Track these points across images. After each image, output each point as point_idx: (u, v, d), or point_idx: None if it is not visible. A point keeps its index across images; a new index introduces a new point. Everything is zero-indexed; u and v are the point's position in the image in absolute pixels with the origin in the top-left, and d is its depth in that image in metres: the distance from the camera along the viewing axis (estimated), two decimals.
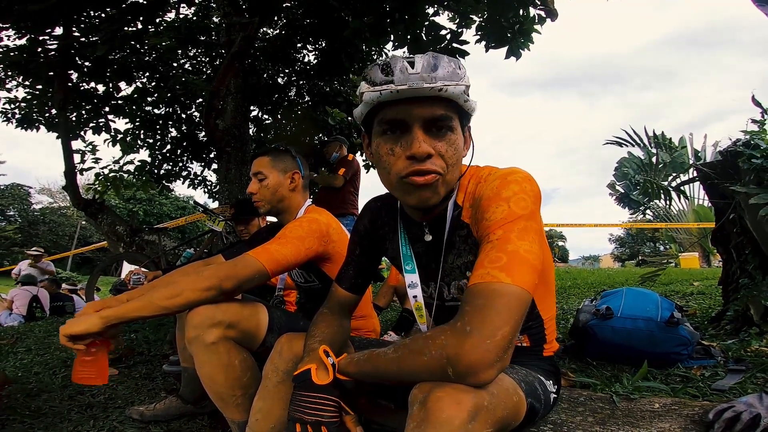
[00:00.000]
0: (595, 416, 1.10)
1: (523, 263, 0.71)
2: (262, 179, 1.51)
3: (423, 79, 0.76)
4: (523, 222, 0.76)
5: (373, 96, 0.78)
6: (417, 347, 0.70)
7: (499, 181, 0.82)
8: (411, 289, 0.98)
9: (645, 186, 3.18)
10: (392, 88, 0.76)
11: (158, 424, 1.55)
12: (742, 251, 2.16)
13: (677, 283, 4.62)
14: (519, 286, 0.69)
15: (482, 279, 0.70)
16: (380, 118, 0.83)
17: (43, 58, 4.33)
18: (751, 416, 0.92)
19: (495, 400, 0.68)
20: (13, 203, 28.24)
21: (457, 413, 0.62)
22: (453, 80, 0.78)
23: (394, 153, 0.82)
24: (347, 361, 0.85)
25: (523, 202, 0.78)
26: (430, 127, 0.80)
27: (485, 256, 0.74)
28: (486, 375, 0.65)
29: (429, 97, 0.78)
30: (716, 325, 2.20)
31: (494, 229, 0.76)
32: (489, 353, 0.63)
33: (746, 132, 2.02)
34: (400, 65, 0.78)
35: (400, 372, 0.72)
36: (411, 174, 0.80)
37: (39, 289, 5.80)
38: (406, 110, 0.79)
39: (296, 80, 6.14)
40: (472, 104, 0.84)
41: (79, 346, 1.05)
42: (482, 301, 0.67)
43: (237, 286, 1.18)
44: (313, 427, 0.80)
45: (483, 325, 0.65)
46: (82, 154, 5.48)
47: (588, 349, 1.85)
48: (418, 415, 0.65)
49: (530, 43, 3.66)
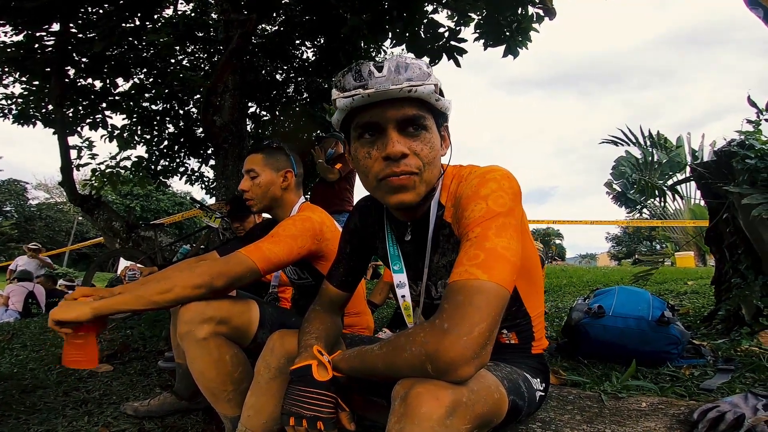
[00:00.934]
0: (583, 414, 1.12)
1: (501, 260, 0.72)
2: (254, 177, 1.50)
3: (390, 81, 0.78)
4: (502, 219, 0.77)
5: (346, 102, 0.80)
6: (399, 344, 0.72)
7: (477, 179, 0.84)
8: (399, 288, 1.00)
9: (641, 185, 3.19)
10: (362, 92, 0.78)
11: (152, 419, 1.56)
12: (735, 251, 2.18)
13: (671, 282, 4.64)
14: (496, 283, 0.70)
15: (460, 276, 0.71)
16: (355, 123, 0.85)
17: (39, 54, 4.32)
18: (735, 416, 0.93)
19: (474, 397, 0.69)
20: (10, 199, 28.16)
21: (435, 408, 0.63)
22: (421, 80, 0.79)
23: (371, 156, 0.83)
24: (339, 358, 0.87)
25: (501, 200, 0.79)
26: (404, 127, 0.82)
27: (464, 253, 0.75)
28: (464, 371, 0.66)
29: (400, 99, 0.80)
30: (708, 325, 2.22)
31: (473, 227, 0.77)
32: (467, 350, 0.64)
33: (741, 132, 2.03)
34: (368, 70, 0.80)
35: (385, 368, 0.74)
36: (387, 176, 0.82)
37: (35, 285, 5.80)
38: (378, 113, 0.81)
39: (294, 77, 6.13)
40: (444, 103, 0.86)
41: (66, 330, 1.06)
42: (460, 298, 0.68)
43: (228, 284, 1.18)
44: (310, 422, 0.81)
45: (461, 322, 0.66)
46: (78, 150, 5.47)
47: (580, 348, 1.86)
48: (398, 410, 0.66)
49: (528, 42, 3.66)
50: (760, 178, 1.88)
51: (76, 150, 5.43)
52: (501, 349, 0.98)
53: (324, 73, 5.62)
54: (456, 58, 3.66)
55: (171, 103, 6.00)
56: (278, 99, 6.18)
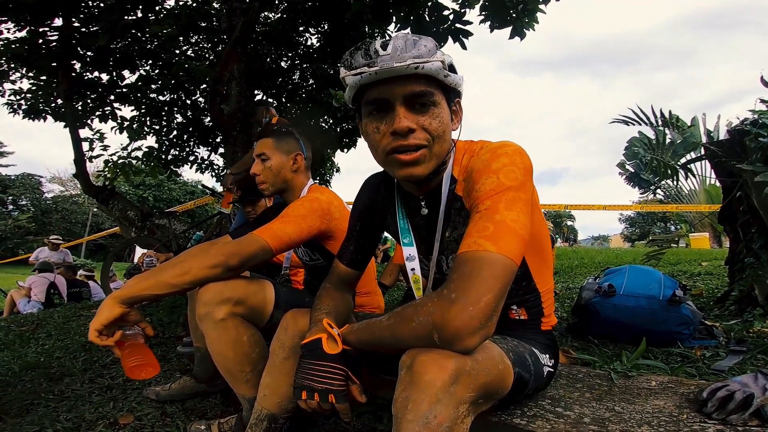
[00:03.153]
0: (593, 392, 1.13)
1: (510, 232, 0.73)
2: (265, 160, 1.53)
3: (395, 59, 0.78)
4: (512, 193, 0.78)
5: (355, 80, 0.82)
6: (407, 314, 0.73)
7: (489, 154, 0.85)
8: (409, 261, 1.01)
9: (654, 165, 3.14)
10: (368, 70, 0.79)
11: (174, 403, 1.62)
12: (749, 230, 2.15)
13: (685, 263, 4.61)
14: (504, 255, 0.71)
15: (469, 248, 0.72)
16: (365, 99, 0.86)
17: (44, 50, 4.36)
18: (744, 396, 0.94)
19: (478, 366, 0.70)
20: (25, 193, 28.74)
21: (439, 376, 0.65)
22: (426, 57, 0.80)
23: (380, 131, 0.85)
24: (348, 330, 0.89)
25: (513, 174, 0.80)
26: (413, 103, 0.83)
27: (473, 225, 0.76)
28: (470, 341, 0.67)
29: (408, 75, 0.80)
30: (721, 306, 2.21)
31: (483, 200, 0.78)
32: (473, 320, 0.66)
33: (754, 111, 1.99)
34: (374, 48, 0.80)
35: (392, 339, 0.76)
36: (395, 151, 0.83)
37: (56, 275, 5.96)
38: (387, 89, 0.81)
39: (299, 64, 6.09)
40: (454, 79, 0.86)
41: (108, 342, 1.06)
42: (467, 269, 0.70)
43: (242, 263, 1.21)
44: (321, 395, 0.84)
45: (467, 292, 0.67)
46: (90, 142, 5.55)
47: (590, 327, 1.87)
48: (404, 378, 0.68)
49: (535, 23, 3.58)
50: None
51: (88, 142, 5.51)
52: (510, 325, 1.00)
53: (329, 59, 5.58)
54: (461, 41, 3.60)
55: (178, 93, 6.03)
56: (284, 86, 6.16)
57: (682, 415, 0.97)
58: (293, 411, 1.13)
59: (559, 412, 1.00)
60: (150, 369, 1.09)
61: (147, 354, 1.11)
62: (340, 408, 0.84)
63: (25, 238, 25.30)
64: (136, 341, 1.12)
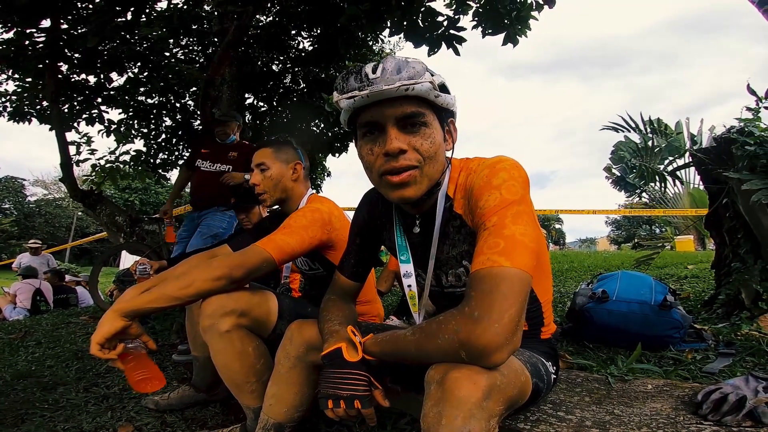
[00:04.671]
0: (592, 396, 1.17)
1: (520, 246, 0.75)
2: (265, 170, 1.54)
3: (384, 82, 0.81)
4: (516, 207, 0.81)
5: (348, 103, 0.84)
6: (431, 331, 0.75)
7: (488, 170, 0.87)
8: (405, 278, 1.03)
9: (640, 170, 3.22)
10: (359, 94, 0.82)
11: (173, 412, 1.61)
12: (735, 235, 2.22)
13: (672, 267, 4.72)
14: (519, 269, 0.73)
15: (483, 265, 0.74)
16: (359, 122, 0.88)
17: (31, 51, 4.27)
18: (737, 398, 0.98)
19: (506, 380, 0.73)
20: (8, 196, 28.07)
21: (473, 392, 0.67)
22: (415, 79, 0.82)
23: (373, 152, 0.87)
24: (371, 341, 0.91)
25: (513, 188, 0.83)
26: (404, 124, 0.85)
27: (483, 242, 0.78)
28: (497, 357, 0.69)
29: (399, 97, 0.83)
30: (708, 309, 2.27)
31: (489, 216, 0.81)
32: (499, 336, 0.67)
33: (740, 119, 2.06)
34: (365, 72, 0.83)
35: (418, 353, 0.77)
36: (387, 173, 0.85)
37: (42, 281, 5.83)
38: (378, 112, 0.84)
39: (291, 67, 6.08)
40: (445, 99, 0.88)
41: (111, 355, 1.06)
42: (487, 286, 0.71)
43: (246, 275, 1.22)
44: (347, 402, 0.85)
45: (490, 309, 0.69)
46: (77, 146, 5.45)
47: (585, 332, 1.91)
48: (435, 393, 0.70)
49: (528, 30, 3.64)
50: (759, 164, 1.90)
51: (75, 146, 5.41)
52: None
53: (322, 63, 5.58)
54: (455, 47, 3.65)
55: (167, 96, 5.95)
56: (275, 90, 6.13)
57: (678, 417, 1.00)
58: (299, 420, 1.14)
59: (561, 416, 1.03)
60: (156, 382, 1.10)
61: (151, 367, 1.12)
62: (366, 413, 0.86)
63: (8, 242, 24.66)
64: (138, 354, 1.11)
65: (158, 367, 1.14)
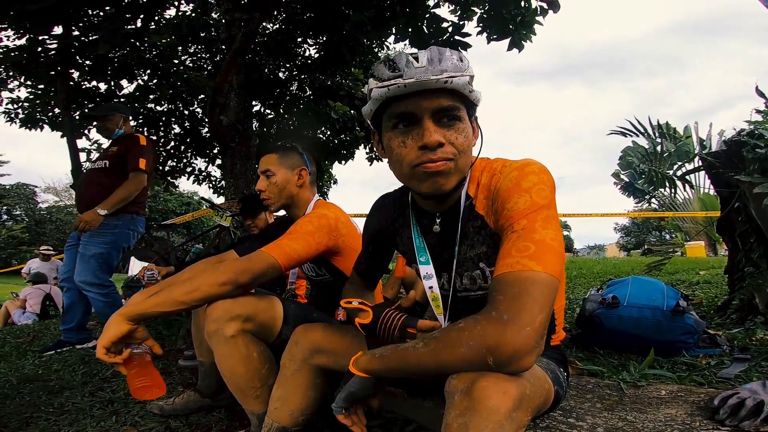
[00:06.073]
0: (603, 402, 1.14)
1: (551, 251, 0.73)
2: (270, 176, 1.54)
3: (429, 72, 0.79)
4: (545, 211, 0.78)
5: (382, 92, 0.81)
6: (451, 339, 0.70)
7: (516, 172, 0.85)
8: (426, 280, 1.00)
9: (650, 175, 3.18)
10: (400, 82, 0.79)
11: (178, 418, 1.60)
12: (747, 240, 2.18)
13: (683, 272, 4.64)
14: (549, 274, 0.70)
15: (512, 268, 0.72)
16: (389, 112, 0.86)
17: (43, 58, 4.35)
18: (755, 403, 0.95)
19: (533, 389, 0.70)
20: (20, 202, 28.50)
21: (504, 402, 0.64)
22: (457, 71, 0.80)
23: (406, 145, 0.84)
24: (369, 358, 0.84)
25: (543, 192, 0.81)
26: (440, 118, 0.83)
27: (512, 245, 0.75)
28: (526, 362, 0.66)
29: (435, 90, 0.81)
30: (722, 314, 2.22)
31: (518, 219, 0.78)
32: (530, 340, 0.65)
33: (750, 122, 2.03)
34: (406, 60, 0.81)
35: (436, 365, 0.72)
36: (423, 163, 0.83)
37: (51, 287, 5.89)
38: (414, 103, 0.82)
39: (298, 74, 6.13)
40: (476, 94, 0.87)
41: (117, 359, 1.06)
42: (516, 290, 0.69)
43: (252, 280, 1.21)
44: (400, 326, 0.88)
45: (521, 313, 0.66)
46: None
47: (595, 338, 1.88)
48: (460, 403, 0.66)
49: (532, 35, 3.65)
50: None
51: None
52: None
53: (327, 70, 5.62)
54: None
55: (176, 103, 6.03)
56: (282, 97, 6.19)
57: (694, 423, 0.97)
58: (303, 424, 1.13)
59: (572, 423, 1.00)
60: (156, 390, 1.09)
61: (154, 374, 1.11)
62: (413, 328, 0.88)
63: (18, 248, 25.00)
64: (143, 360, 1.11)
65: (163, 372, 1.13)
